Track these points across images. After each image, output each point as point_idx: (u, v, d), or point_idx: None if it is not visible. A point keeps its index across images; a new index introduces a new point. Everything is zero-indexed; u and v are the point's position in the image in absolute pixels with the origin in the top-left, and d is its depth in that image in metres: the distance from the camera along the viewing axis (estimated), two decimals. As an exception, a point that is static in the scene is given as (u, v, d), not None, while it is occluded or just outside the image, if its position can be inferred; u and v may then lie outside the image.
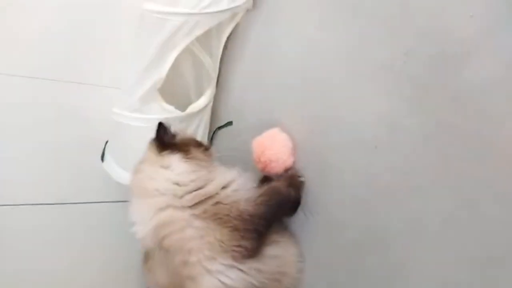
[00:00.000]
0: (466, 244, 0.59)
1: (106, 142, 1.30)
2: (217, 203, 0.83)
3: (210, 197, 0.83)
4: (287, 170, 0.94)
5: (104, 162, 1.29)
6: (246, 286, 0.81)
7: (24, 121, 1.32)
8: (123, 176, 1.21)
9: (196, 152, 0.91)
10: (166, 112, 1.12)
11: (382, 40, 0.73)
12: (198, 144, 0.96)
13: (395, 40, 0.71)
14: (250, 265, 0.82)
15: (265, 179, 0.97)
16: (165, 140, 0.91)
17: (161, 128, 0.93)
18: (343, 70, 0.82)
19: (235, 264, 0.81)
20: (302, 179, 0.91)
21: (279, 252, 0.88)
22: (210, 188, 0.85)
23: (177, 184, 0.85)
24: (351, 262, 0.79)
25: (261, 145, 0.94)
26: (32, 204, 1.43)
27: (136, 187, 0.92)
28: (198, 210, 0.82)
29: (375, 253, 0.74)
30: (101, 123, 1.29)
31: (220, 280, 0.80)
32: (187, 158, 0.88)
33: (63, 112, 1.38)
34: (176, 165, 0.87)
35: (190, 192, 0.84)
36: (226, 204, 0.83)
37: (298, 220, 0.92)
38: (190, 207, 0.82)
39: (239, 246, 0.81)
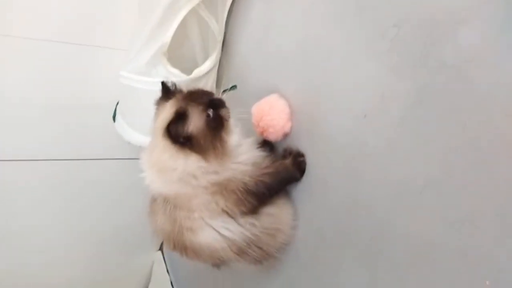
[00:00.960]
0: (444, 207, 0.63)
1: (117, 103, 1.36)
2: (228, 181, 0.85)
3: (224, 180, 0.85)
4: (285, 135, 0.97)
5: (116, 122, 1.35)
6: (243, 238, 0.87)
7: (38, 82, 1.38)
8: (134, 136, 1.27)
9: (211, 156, 0.83)
10: (172, 76, 1.15)
11: (376, 9, 0.74)
12: (218, 128, 0.85)
13: (387, 10, 0.72)
14: (246, 219, 0.87)
15: (265, 142, 1.00)
16: (180, 138, 0.82)
17: (174, 119, 0.82)
18: (337, 38, 0.83)
19: (234, 218, 0.87)
20: (304, 159, 0.92)
21: (274, 211, 0.92)
22: (228, 175, 0.85)
23: (194, 176, 0.84)
24: (340, 221, 0.84)
25: (260, 111, 0.96)
26: (48, 160, 1.51)
27: (151, 152, 0.88)
28: (208, 190, 0.85)
29: (361, 214, 0.78)
30: (114, 84, 1.33)
31: (219, 232, 0.86)
32: (208, 159, 0.83)
33: (76, 73, 1.43)
34: (195, 163, 0.83)
35: (208, 174, 0.84)
36: (235, 181, 0.85)
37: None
38: (202, 186, 0.84)
39: (240, 210, 0.86)
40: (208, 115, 0.84)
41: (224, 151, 0.84)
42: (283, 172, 0.91)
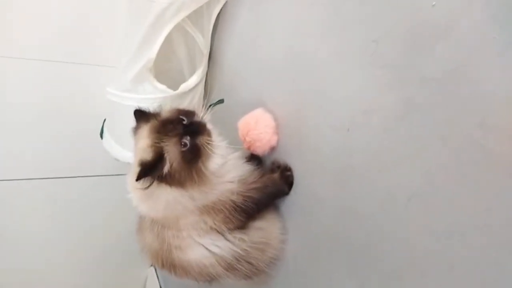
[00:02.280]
0: (430, 219, 0.63)
1: (104, 120, 1.35)
2: (215, 201, 0.84)
3: (211, 202, 0.84)
4: (272, 149, 0.97)
5: (103, 139, 1.34)
6: (233, 254, 0.86)
7: (26, 101, 1.38)
8: (121, 153, 1.26)
9: (190, 186, 0.81)
10: (158, 91, 1.16)
11: (359, 24, 0.75)
12: (196, 156, 0.81)
13: (368, 26, 0.73)
14: (235, 235, 0.87)
15: (252, 156, 1.00)
16: (152, 182, 0.79)
17: (142, 170, 0.77)
18: (323, 52, 0.84)
19: (223, 234, 0.86)
20: (291, 173, 0.92)
21: (263, 225, 0.92)
22: (215, 196, 0.84)
23: (179, 203, 0.82)
24: (328, 234, 0.83)
25: (246, 125, 0.96)
26: (36, 179, 1.50)
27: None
28: (196, 211, 0.84)
29: (350, 226, 0.78)
30: (101, 101, 1.32)
31: (208, 249, 0.86)
32: (190, 190, 0.81)
33: (63, 91, 1.43)
34: (174, 193, 0.81)
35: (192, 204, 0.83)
36: (222, 200, 0.84)
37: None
38: (190, 210, 0.83)
39: (228, 227, 0.86)
40: (184, 145, 0.80)
41: (202, 180, 0.81)
42: (271, 186, 0.91)
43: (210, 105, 1.23)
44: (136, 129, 0.89)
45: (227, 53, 1.25)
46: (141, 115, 0.88)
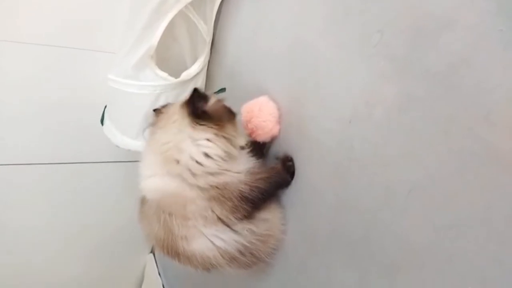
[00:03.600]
0: (430, 212, 0.63)
1: (105, 106, 1.34)
2: (224, 188, 0.85)
3: (221, 184, 0.85)
4: (273, 137, 0.97)
5: (104, 126, 1.34)
6: (237, 247, 0.87)
7: (28, 84, 1.37)
8: (122, 139, 1.26)
9: (229, 129, 0.88)
10: (159, 79, 1.15)
11: (362, 14, 0.74)
12: (231, 115, 0.92)
13: (372, 15, 0.72)
14: (244, 226, 0.87)
15: (255, 147, 0.99)
16: (199, 110, 0.85)
17: (196, 95, 0.87)
18: (325, 42, 0.83)
19: (229, 226, 0.87)
20: (292, 163, 0.93)
21: (268, 216, 0.92)
22: (225, 179, 0.85)
23: (199, 163, 0.84)
24: (328, 224, 0.83)
25: (250, 112, 0.95)
26: (37, 164, 1.50)
27: (156, 142, 0.88)
28: (205, 193, 0.84)
29: (350, 217, 0.78)
30: (102, 88, 1.32)
31: (212, 242, 0.86)
32: (218, 136, 0.85)
33: (65, 76, 1.43)
34: (205, 143, 0.84)
35: (206, 175, 0.84)
36: (231, 188, 0.85)
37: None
38: (200, 187, 0.84)
39: (235, 217, 0.86)
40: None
41: (235, 129, 0.90)
42: (275, 176, 0.91)
43: (212, 93, 1.23)
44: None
45: (229, 41, 1.24)
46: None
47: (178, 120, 0.86)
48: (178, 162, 0.83)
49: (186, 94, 1.21)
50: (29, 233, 1.62)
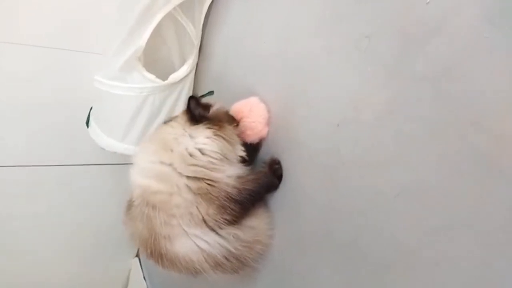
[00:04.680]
0: (417, 216, 0.64)
1: (91, 108, 1.32)
2: (212, 185, 0.85)
3: (209, 180, 0.85)
4: (261, 139, 0.96)
5: (89, 127, 1.32)
6: (221, 251, 0.86)
7: (14, 85, 1.35)
8: (108, 142, 1.24)
9: (227, 130, 0.91)
10: (147, 81, 1.14)
11: (351, 19, 0.75)
12: (231, 119, 0.95)
13: (361, 21, 0.72)
14: (229, 231, 0.86)
15: (247, 148, 0.97)
16: (196, 115, 0.90)
17: (192, 102, 0.92)
18: (315, 46, 0.83)
19: (214, 229, 0.85)
20: (279, 166, 0.93)
21: (255, 223, 0.92)
22: (215, 176, 0.85)
23: (192, 155, 0.86)
24: (316, 228, 0.83)
25: (240, 112, 0.96)
26: (22, 166, 1.47)
27: (157, 136, 0.93)
28: (193, 184, 0.84)
29: (337, 221, 0.78)
30: (89, 89, 1.30)
31: (196, 243, 0.85)
32: (216, 136, 0.88)
33: (51, 78, 1.40)
34: (203, 140, 0.87)
35: (196, 166, 0.85)
36: (219, 188, 0.85)
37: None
38: (188, 177, 0.84)
39: (222, 219, 0.85)
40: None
41: (234, 134, 0.92)
42: (262, 178, 0.91)
43: (201, 97, 1.22)
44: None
45: (218, 44, 1.24)
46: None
47: (180, 120, 0.92)
48: (172, 151, 0.86)
49: (173, 96, 1.22)
50: (12, 236, 1.58)
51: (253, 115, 0.95)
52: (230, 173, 0.87)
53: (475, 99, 0.55)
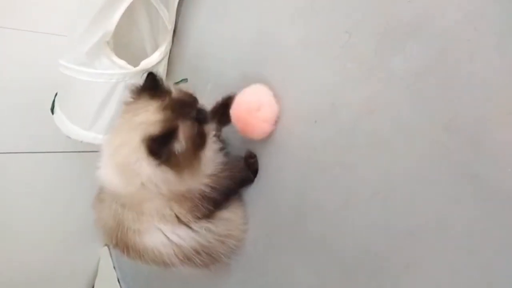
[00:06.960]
0: (388, 218, 0.63)
1: (56, 94, 1.25)
2: (189, 190, 0.82)
3: (183, 190, 0.81)
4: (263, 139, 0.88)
5: (54, 114, 1.25)
6: (192, 245, 0.84)
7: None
8: (73, 130, 1.19)
9: (191, 172, 0.79)
10: (116, 67, 1.08)
11: (331, 13, 0.72)
12: (203, 138, 0.82)
13: (340, 15, 0.70)
14: (202, 224, 0.84)
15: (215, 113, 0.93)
16: (162, 157, 0.75)
17: (158, 139, 0.74)
18: (292, 38, 0.80)
19: (187, 224, 0.83)
20: (255, 160, 0.90)
21: (229, 215, 0.90)
22: (189, 186, 0.81)
23: (156, 185, 0.78)
24: (290, 225, 0.82)
25: (247, 104, 0.84)
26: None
27: (119, 133, 0.80)
28: (166, 196, 0.80)
29: (311, 219, 0.77)
30: (54, 73, 1.22)
31: (167, 237, 0.83)
32: (179, 179, 0.78)
33: (13, 61, 1.32)
34: (164, 179, 0.77)
35: (169, 187, 0.79)
36: (194, 190, 0.82)
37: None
38: (162, 193, 0.79)
39: (195, 216, 0.83)
40: (195, 132, 0.78)
41: (199, 168, 0.81)
42: (237, 173, 0.89)
43: (174, 84, 1.18)
44: (139, 92, 0.81)
45: (192, 30, 1.19)
46: (153, 81, 0.81)
47: (137, 147, 0.75)
48: (138, 175, 0.76)
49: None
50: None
51: (263, 115, 0.82)
52: (207, 172, 0.84)
53: (450, 102, 0.55)
